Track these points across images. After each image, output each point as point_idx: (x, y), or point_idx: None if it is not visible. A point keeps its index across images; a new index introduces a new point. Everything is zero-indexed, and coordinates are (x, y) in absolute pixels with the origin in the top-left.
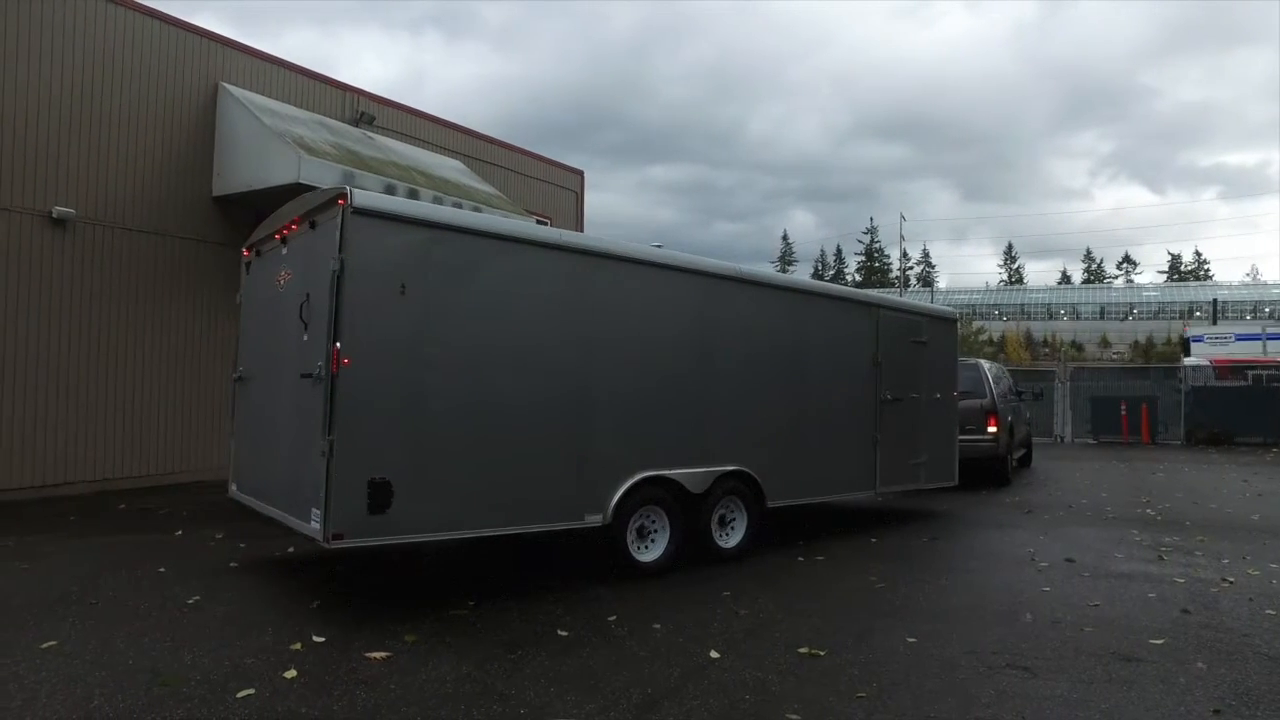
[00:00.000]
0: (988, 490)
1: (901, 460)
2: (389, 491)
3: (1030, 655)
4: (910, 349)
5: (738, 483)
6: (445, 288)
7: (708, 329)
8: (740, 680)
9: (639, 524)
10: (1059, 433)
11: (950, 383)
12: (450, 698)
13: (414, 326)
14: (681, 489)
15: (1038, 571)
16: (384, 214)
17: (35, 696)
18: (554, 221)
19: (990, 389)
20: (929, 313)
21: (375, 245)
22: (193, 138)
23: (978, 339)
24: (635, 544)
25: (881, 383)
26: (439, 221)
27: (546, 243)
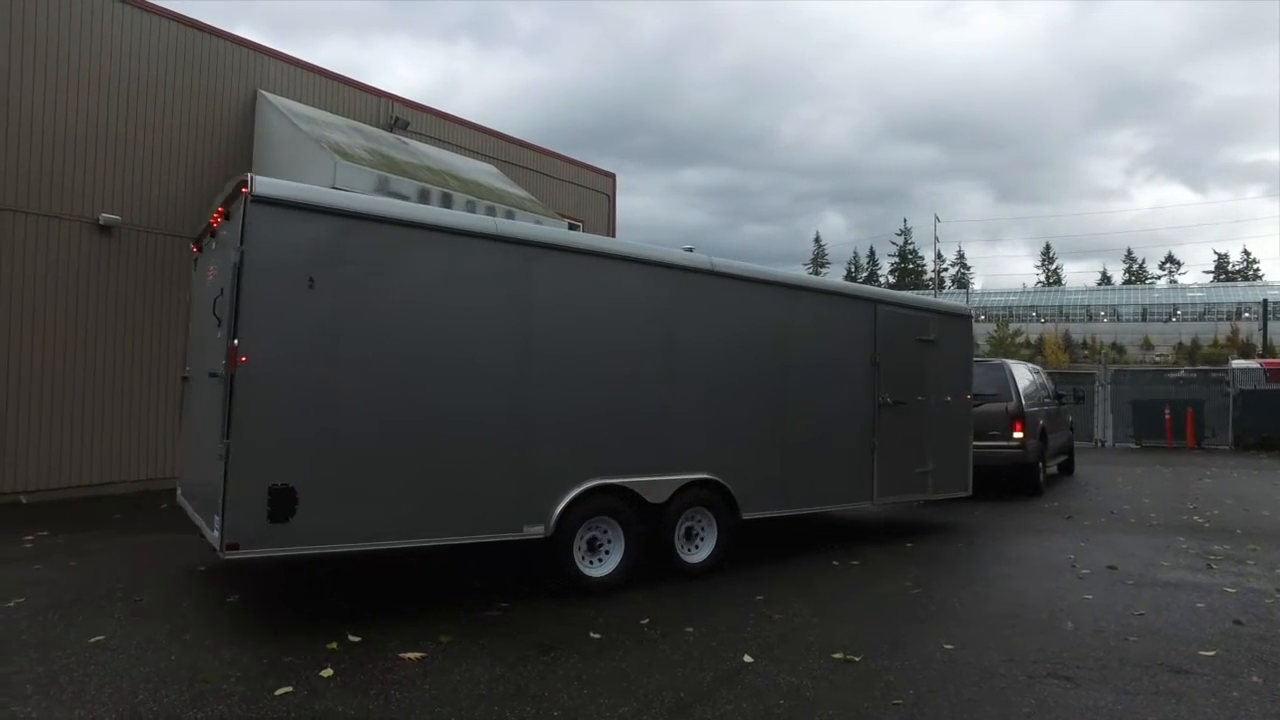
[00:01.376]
0: (1024, 497)
1: (904, 469)
2: (293, 499)
3: (1072, 664)
4: (915, 348)
5: (706, 492)
6: (362, 281)
7: (674, 326)
8: (774, 685)
9: (590, 536)
10: (1099, 437)
11: (963, 385)
12: (484, 699)
13: (326, 323)
14: (638, 498)
15: (1079, 579)
16: (288, 202)
17: (84, 690)
18: (586, 224)
19: (1016, 391)
20: (937, 309)
21: (278, 235)
22: (232, 144)
23: (1014, 341)
24: (585, 558)
25: (880, 384)
26: (351, 210)
27: (480, 233)
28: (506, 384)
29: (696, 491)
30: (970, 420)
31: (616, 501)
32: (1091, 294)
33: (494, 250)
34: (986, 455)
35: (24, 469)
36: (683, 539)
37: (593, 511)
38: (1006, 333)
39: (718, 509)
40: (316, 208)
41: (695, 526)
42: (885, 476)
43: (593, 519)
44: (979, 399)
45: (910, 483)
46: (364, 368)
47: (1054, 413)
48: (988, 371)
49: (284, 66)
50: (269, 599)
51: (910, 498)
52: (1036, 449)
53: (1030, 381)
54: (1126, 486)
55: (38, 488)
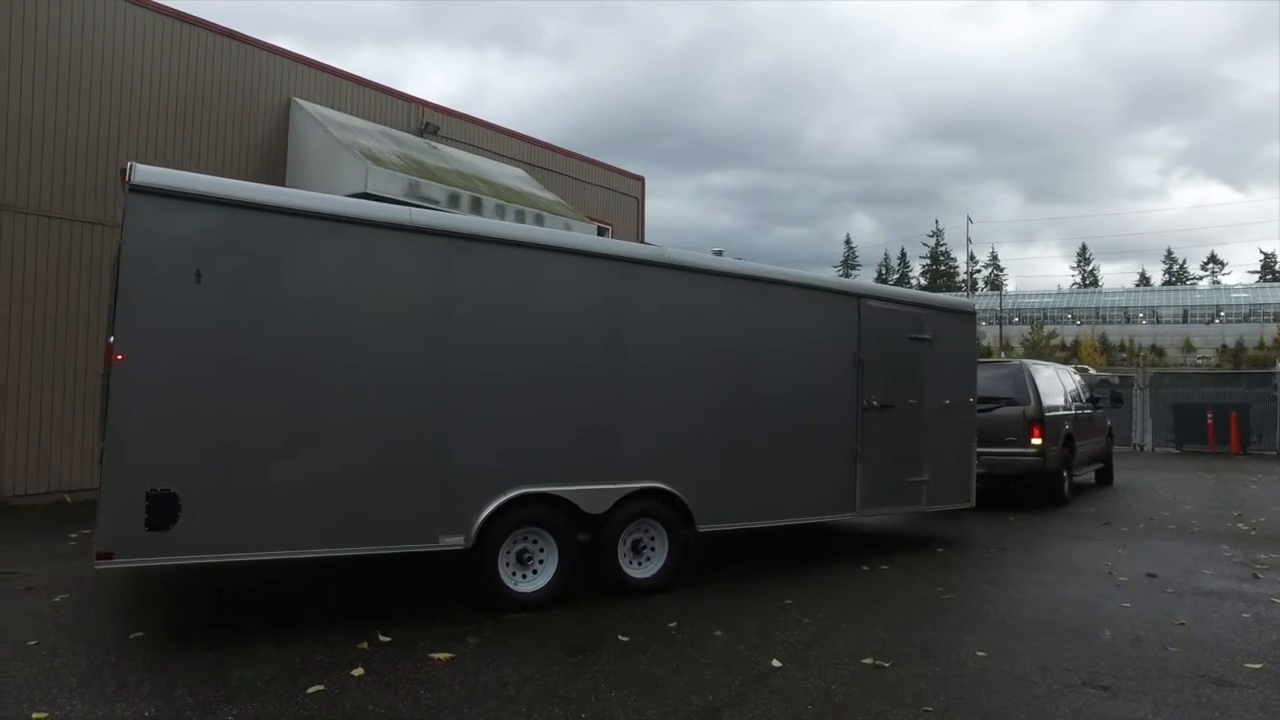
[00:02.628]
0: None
1: (893, 478)
2: (174, 506)
3: (1109, 674)
4: (907, 347)
5: (656, 503)
6: (257, 275)
7: (621, 322)
8: (803, 690)
9: (519, 548)
10: (1138, 441)
11: (965, 387)
12: (512, 699)
13: (214, 319)
14: (574, 508)
15: (1116, 586)
16: (171, 191)
17: (126, 684)
18: (615, 228)
19: (1034, 394)
20: (934, 304)
21: (159, 227)
22: (267, 151)
23: (1049, 343)
24: (513, 571)
25: (864, 386)
26: (243, 199)
27: (392, 223)
28: (421, 384)
29: (644, 502)
30: (973, 426)
31: (549, 511)
32: (1129, 295)
33: (410, 242)
34: (1001, 463)
35: (67, 469)
36: (629, 552)
37: (521, 521)
38: (1041, 335)
39: (669, 521)
40: (203, 197)
41: (644, 539)
42: (870, 486)
43: (522, 530)
44: (994, 402)
45: (901, 493)
46: (258, 367)
47: (1086, 417)
48: (1004, 373)
49: (317, 74)
50: (301, 598)
51: (900, 510)
52: (1059, 457)
53: (1054, 384)
54: (1166, 492)
55: (80, 487)
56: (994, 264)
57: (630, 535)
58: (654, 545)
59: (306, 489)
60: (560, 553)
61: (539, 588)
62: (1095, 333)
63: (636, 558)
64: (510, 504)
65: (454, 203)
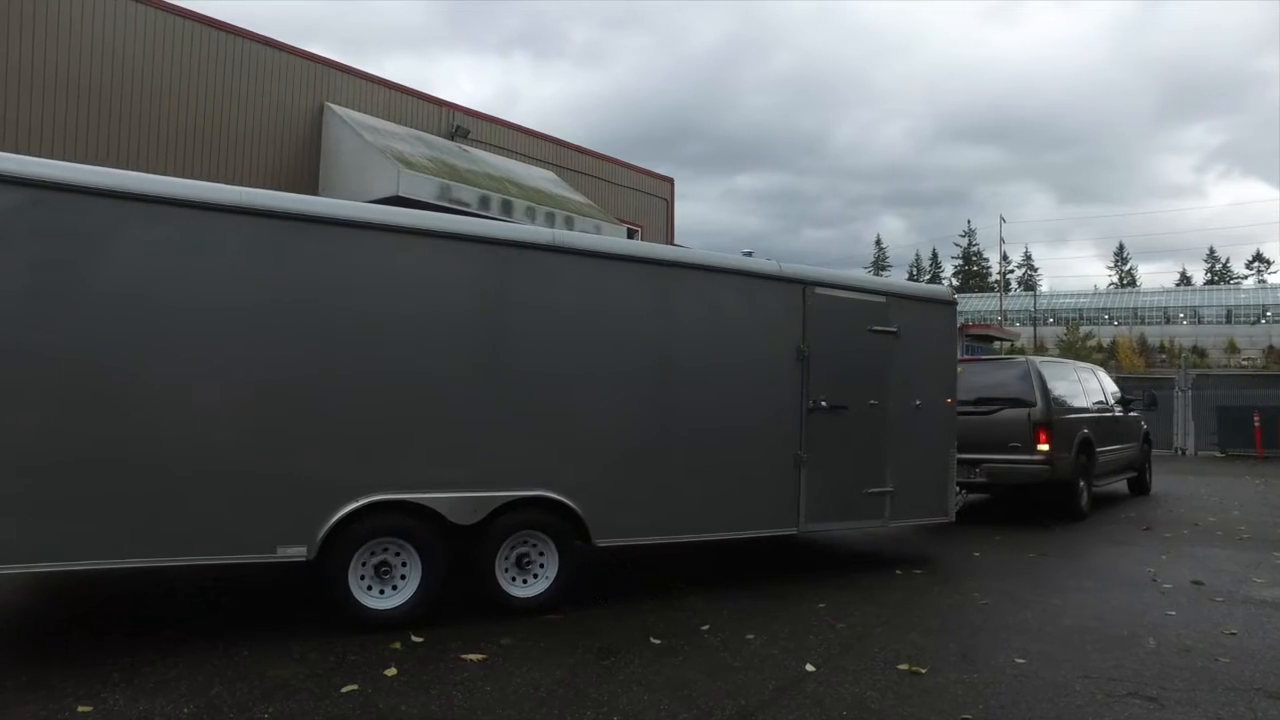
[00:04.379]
0: (1099, 506)
1: (848, 488)
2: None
3: (1155, 684)
4: (867, 341)
5: (543, 513)
6: (57, 260)
7: (501, 312)
8: (837, 696)
9: (379, 560)
10: (1179, 445)
11: (943, 386)
12: (545, 702)
13: (4, 310)
14: (440, 518)
15: (1160, 594)
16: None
17: (165, 681)
18: (645, 229)
19: (1042, 394)
20: (901, 293)
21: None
22: (301, 154)
23: (1085, 345)
24: (369, 585)
25: (810, 384)
26: (36, 177)
27: (221, 205)
28: (260, 377)
29: (529, 512)
30: (953, 430)
31: (410, 521)
32: (1169, 295)
33: (246, 225)
34: (1004, 472)
35: None
36: (512, 567)
37: (377, 531)
38: (1077, 336)
39: (559, 533)
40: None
41: (530, 553)
42: (818, 498)
43: (378, 540)
44: (996, 404)
45: (857, 506)
46: (60, 361)
47: (1112, 421)
48: (1007, 371)
49: (350, 79)
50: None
51: (857, 525)
52: (1071, 465)
53: (1069, 383)
54: (1212, 498)
55: None
56: (1028, 264)
57: (513, 549)
58: (542, 561)
59: (130, 494)
60: (424, 567)
61: (397, 605)
62: (1133, 334)
63: (522, 574)
64: (363, 512)
65: (484, 205)
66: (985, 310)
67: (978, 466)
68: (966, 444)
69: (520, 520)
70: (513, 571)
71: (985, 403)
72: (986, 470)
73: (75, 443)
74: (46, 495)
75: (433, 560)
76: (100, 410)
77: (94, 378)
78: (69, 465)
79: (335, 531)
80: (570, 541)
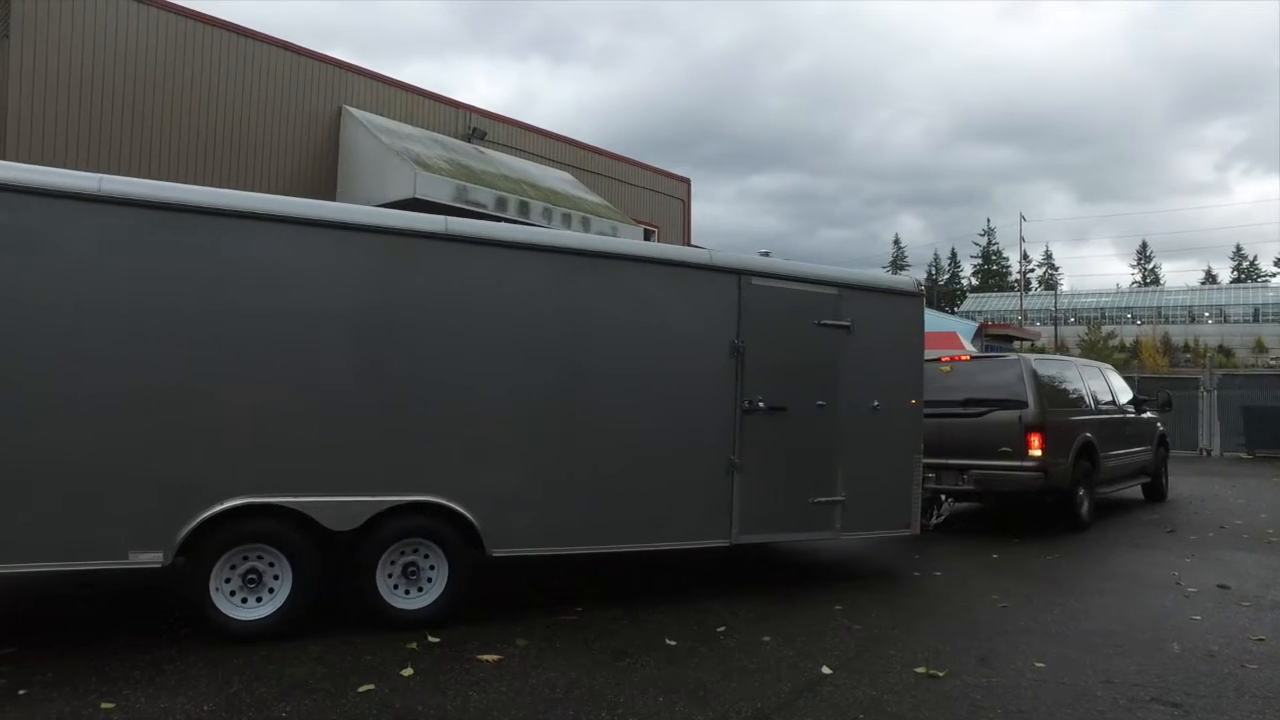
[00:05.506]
0: (1121, 510)
1: (789, 497)
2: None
3: (1179, 690)
4: (814, 336)
5: (430, 519)
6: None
7: (386, 305)
8: (854, 698)
9: (248, 567)
10: (1204, 446)
11: (906, 386)
12: (560, 702)
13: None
14: (313, 524)
15: (1184, 598)
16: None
17: (186, 678)
18: (661, 230)
19: (1035, 395)
20: (856, 284)
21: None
22: (319, 157)
23: (1108, 344)
24: (236, 593)
25: (746, 383)
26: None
27: (64, 191)
28: (108, 381)
29: (415, 518)
30: (918, 435)
31: (281, 526)
32: (1194, 294)
33: (94, 213)
34: (993, 479)
35: None
36: (399, 577)
37: (243, 537)
38: (1099, 335)
39: (449, 542)
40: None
41: (419, 563)
42: (754, 507)
43: (244, 547)
44: (985, 406)
45: (801, 516)
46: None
47: (1121, 423)
48: (997, 370)
49: (368, 82)
50: (351, 598)
51: (801, 537)
52: (1069, 471)
53: (1068, 383)
54: (1238, 500)
55: None
56: (1048, 262)
57: (399, 558)
58: (433, 571)
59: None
60: (295, 575)
61: (265, 615)
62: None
63: (410, 584)
64: (226, 516)
65: (501, 206)
66: (1005, 310)
67: (966, 473)
68: (955, 448)
69: (406, 527)
70: (400, 582)
71: (974, 404)
72: (975, 477)
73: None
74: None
75: (305, 569)
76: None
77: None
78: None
79: (195, 537)
80: (461, 551)
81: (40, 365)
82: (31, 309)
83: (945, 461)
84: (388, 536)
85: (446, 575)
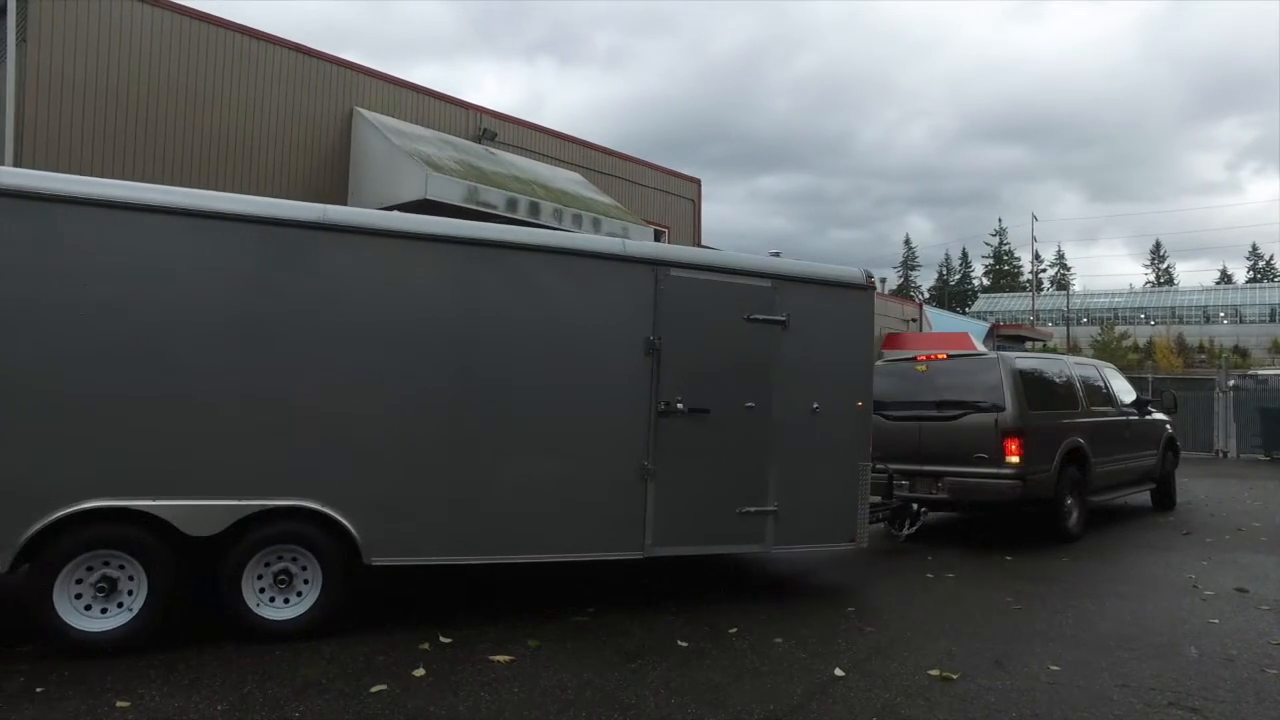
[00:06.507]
0: (1134, 511)
1: (712, 507)
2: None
3: (1198, 695)
4: (742, 331)
5: (301, 525)
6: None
7: (258, 301)
8: (867, 701)
9: (101, 575)
10: (1220, 447)
11: (852, 386)
12: (572, 704)
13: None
14: (172, 528)
15: (1202, 601)
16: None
17: (199, 678)
18: (672, 230)
19: (1014, 397)
20: (793, 274)
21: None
22: (331, 159)
23: (1121, 345)
24: (86, 601)
25: (662, 382)
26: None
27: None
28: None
29: (286, 524)
30: (865, 439)
31: (135, 531)
32: (1209, 294)
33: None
34: (967, 487)
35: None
36: (269, 586)
37: (94, 542)
38: (1112, 336)
39: (323, 549)
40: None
41: (293, 570)
42: (671, 516)
43: (96, 553)
44: (959, 408)
45: (727, 527)
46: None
47: (1119, 426)
48: (974, 369)
49: (379, 84)
50: (365, 599)
51: (727, 549)
52: (1053, 479)
53: (1057, 383)
54: (1254, 502)
55: None
56: (1060, 262)
57: (268, 566)
58: (307, 579)
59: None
60: (151, 583)
61: (116, 626)
62: (1171, 333)
63: (282, 593)
64: (74, 520)
65: (512, 207)
66: (1018, 310)
67: (940, 480)
68: (929, 454)
69: (275, 533)
70: (271, 591)
71: (949, 406)
72: (949, 485)
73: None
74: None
75: (162, 576)
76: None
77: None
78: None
79: (37, 542)
80: (336, 559)
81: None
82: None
83: (920, 468)
84: (255, 543)
85: (320, 585)
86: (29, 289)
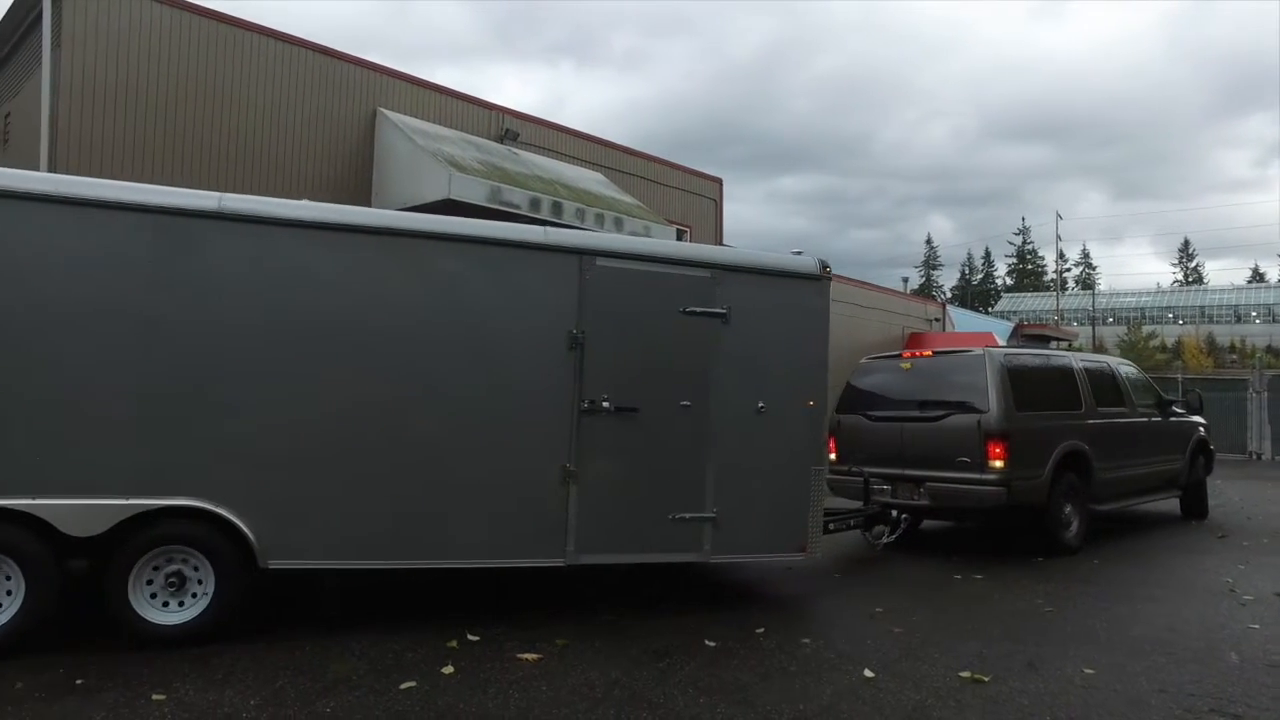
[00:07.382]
0: (1165, 514)
1: (642, 512)
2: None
3: (1240, 701)
4: (677, 325)
5: (193, 525)
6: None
7: (152, 289)
8: (897, 703)
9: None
10: (1254, 449)
11: (802, 384)
12: (600, 702)
13: None
14: (50, 528)
15: (1240, 605)
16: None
17: (233, 672)
18: (694, 230)
19: (1000, 397)
20: (735, 264)
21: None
22: (354, 160)
23: (1148, 344)
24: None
25: (587, 379)
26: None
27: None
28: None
29: (176, 524)
30: (816, 441)
31: (12, 532)
32: (1240, 292)
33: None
34: (949, 493)
35: None
36: (160, 589)
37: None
38: (1139, 336)
39: (217, 552)
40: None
41: (186, 572)
42: (595, 522)
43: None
44: (941, 409)
45: (659, 535)
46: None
47: (1133, 428)
48: (960, 366)
49: (402, 85)
50: (394, 596)
51: (659, 558)
52: (1045, 486)
53: (1056, 381)
54: None
55: None
56: (1085, 261)
57: (159, 568)
58: (200, 581)
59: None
60: (29, 587)
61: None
62: (1200, 333)
63: (176, 595)
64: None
65: (535, 207)
66: (1042, 310)
67: (922, 485)
68: (912, 457)
69: (164, 534)
70: (165, 595)
71: (931, 406)
72: (931, 490)
73: None
74: None
75: (41, 579)
76: None
77: None
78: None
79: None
80: (229, 561)
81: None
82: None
83: (901, 472)
84: (142, 544)
85: (213, 588)
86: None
